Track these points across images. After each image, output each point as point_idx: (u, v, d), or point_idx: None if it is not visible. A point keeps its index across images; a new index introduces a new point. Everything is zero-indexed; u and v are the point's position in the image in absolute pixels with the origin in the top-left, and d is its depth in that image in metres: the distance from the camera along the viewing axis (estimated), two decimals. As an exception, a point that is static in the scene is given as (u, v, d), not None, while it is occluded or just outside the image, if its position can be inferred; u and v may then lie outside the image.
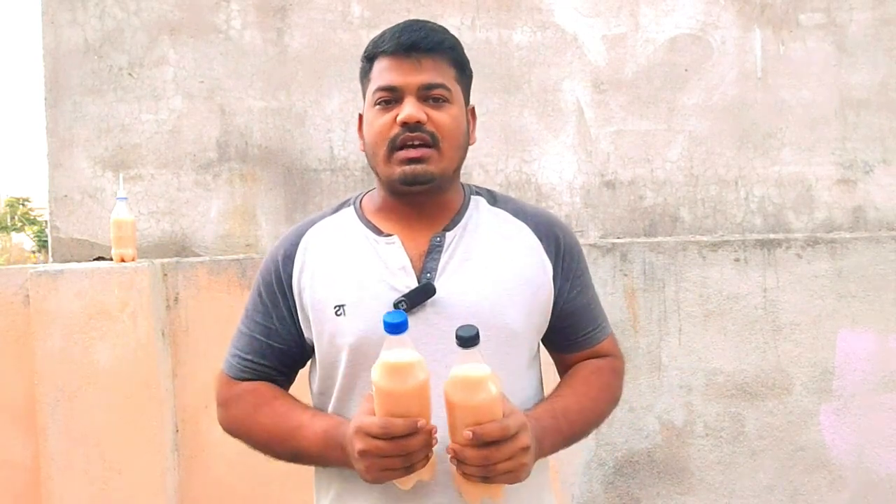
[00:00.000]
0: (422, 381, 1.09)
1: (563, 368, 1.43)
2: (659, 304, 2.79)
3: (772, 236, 2.85)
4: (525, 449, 1.12)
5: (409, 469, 1.12)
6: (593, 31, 2.96)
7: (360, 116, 1.37)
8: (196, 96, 2.95)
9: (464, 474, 1.13)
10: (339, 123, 2.94)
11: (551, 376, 1.43)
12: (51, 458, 2.55)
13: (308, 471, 1.36)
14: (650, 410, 2.78)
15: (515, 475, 1.13)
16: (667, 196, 2.95)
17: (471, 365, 1.08)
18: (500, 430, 1.09)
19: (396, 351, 1.08)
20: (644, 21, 2.96)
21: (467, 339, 1.07)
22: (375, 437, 1.10)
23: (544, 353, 1.43)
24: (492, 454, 1.09)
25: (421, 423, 1.09)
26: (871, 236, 2.81)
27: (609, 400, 1.39)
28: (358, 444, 1.12)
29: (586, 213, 2.96)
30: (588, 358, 1.41)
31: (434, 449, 1.14)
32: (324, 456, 1.24)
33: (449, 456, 1.13)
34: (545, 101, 2.96)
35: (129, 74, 2.95)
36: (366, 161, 2.89)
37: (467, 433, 1.08)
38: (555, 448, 1.26)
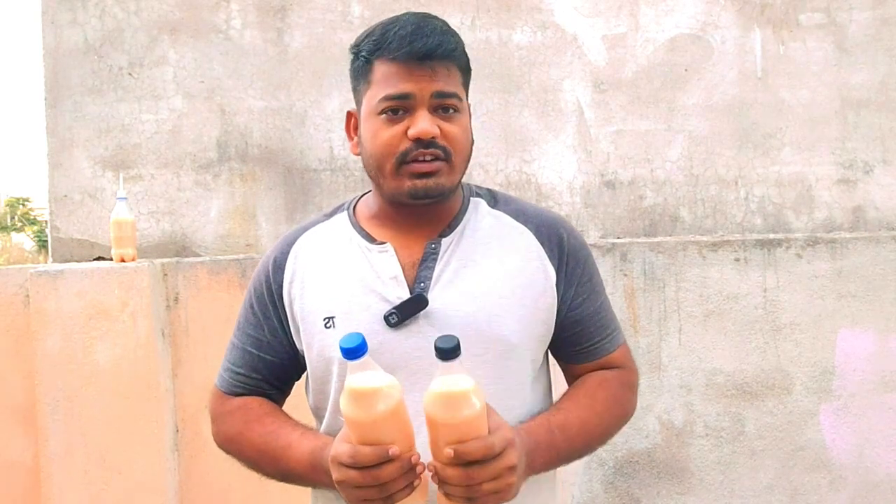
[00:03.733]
0: (392, 406, 1.01)
1: (572, 380, 1.34)
2: (659, 304, 2.79)
3: (772, 236, 2.85)
4: (511, 468, 1.05)
5: (388, 500, 1.05)
6: (593, 31, 2.96)
7: (350, 114, 1.28)
8: (196, 96, 2.95)
9: (446, 495, 1.06)
10: (340, 123, 2.93)
11: (562, 386, 1.36)
12: (51, 458, 2.55)
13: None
14: (650, 410, 2.78)
15: (501, 496, 1.06)
16: (667, 196, 2.95)
17: (452, 378, 1.00)
18: (484, 449, 1.02)
19: (360, 375, 1.01)
20: (644, 21, 2.96)
21: (447, 352, 0.99)
22: (347, 465, 1.04)
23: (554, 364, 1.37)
24: (475, 474, 1.02)
25: (393, 450, 1.01)
26: (871, 236, 2.81)
27: (617, 414, 1.30)
28: (334, 474, 1.07)
29: (586, 213, 2.96)
30: (597, 369, 1.32)
31: (426, 472, 1.07)
32: (311, 478, 1.19)
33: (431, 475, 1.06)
34: (545, 101, 2.96)
35: (129, 74, 2.95)
36: (366, 161, 2.91)
37: (449, 451, 1.01)
38: (548, 465, 1.19)
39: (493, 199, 1.32)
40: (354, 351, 0.99)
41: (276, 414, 1.29)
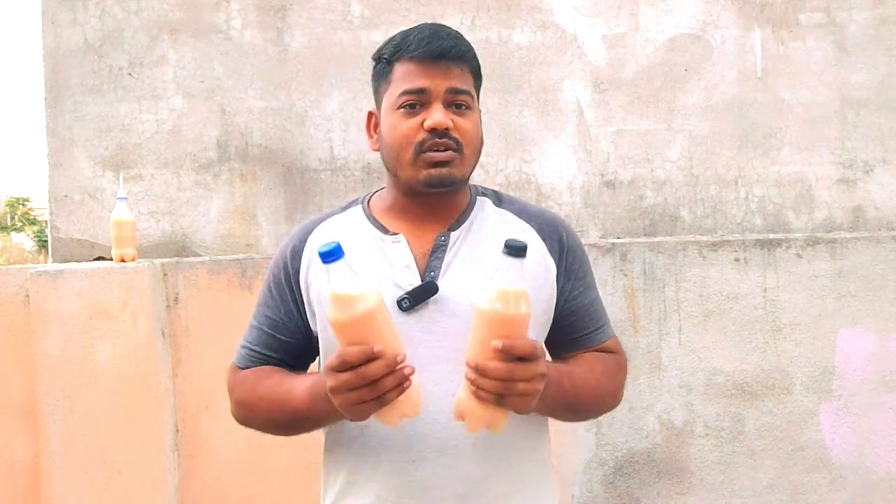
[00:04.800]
0: (371, 307, 1.10)
1: None
2: (659, 304, 2.79)
3: (772, 236, 2.85)
4: (543, 375, 1.14)
5: (379, 400, 1.12)
6: (593, 30, 2.96)
7: (371, 114, 1.39)
8: (196, 96, 2.95)
9: (477, 391, 1.12)
10: (339, 123, 2.94)
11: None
12: (51, 458, 2.55)
13: (309, 470, 1.37)
14: (650, 410, 2.78)
15: (527, 400, 1.13)
16: (667, 196, 2.95)
17: (511, 277, 1.09)
18: (530, 347, 1.11)
19: (341, 281, 1.10)
20: (644, 21, 2.96)
21: (519, 249, 1.08)
22: (337, 369, 1.12)
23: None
24: (516, 369, 1.10)
25: (378, 348, 1.09)
26: (871, 236, 2.81)
27: (609, 387, 1.39)
28: (328, 382, 1.14)
29: (586, 213, 2.96)
30: None
31: (415, 383, 1.14)
32: (315, 410, 1.25)
33: (462, 378, 1.12)
34: (545, 101, 2.96)
35: (129, 74, 2.95)
36: (365, 161, 2.92)
37: (496, 343, 1.08)
38: (555, 402, 1.26)
39: (498, 199, 1.42)
40: (329, 254, 1.09)
41: (282, 371, 1.36)
